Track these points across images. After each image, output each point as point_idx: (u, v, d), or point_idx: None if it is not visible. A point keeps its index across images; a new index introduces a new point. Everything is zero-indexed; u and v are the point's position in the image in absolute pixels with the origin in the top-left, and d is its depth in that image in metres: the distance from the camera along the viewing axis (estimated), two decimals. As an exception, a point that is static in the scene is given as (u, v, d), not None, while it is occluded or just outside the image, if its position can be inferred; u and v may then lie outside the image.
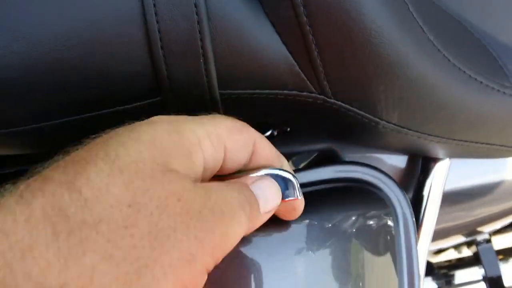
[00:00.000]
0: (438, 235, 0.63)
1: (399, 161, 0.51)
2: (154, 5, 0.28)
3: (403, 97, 0.32)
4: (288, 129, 0.49)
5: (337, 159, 0.48)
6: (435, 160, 0.49)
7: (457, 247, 0.87)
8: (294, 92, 0.33)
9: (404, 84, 0.32)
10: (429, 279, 0.94)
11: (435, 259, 0.93)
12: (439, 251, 0.90)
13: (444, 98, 0.33)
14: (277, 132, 0.50)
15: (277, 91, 0.32)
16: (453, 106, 0.34)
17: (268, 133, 0.50)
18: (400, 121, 0.35)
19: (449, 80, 0.33)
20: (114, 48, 0.28)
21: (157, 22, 0.28)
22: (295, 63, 0.31)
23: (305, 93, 0.33)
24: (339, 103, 0.33)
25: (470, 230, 0.68)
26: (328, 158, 0.49)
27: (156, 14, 0.28)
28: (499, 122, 0.37)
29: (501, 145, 0.43)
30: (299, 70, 0.31)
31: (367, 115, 0.34)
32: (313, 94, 0.33)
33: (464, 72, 0.33)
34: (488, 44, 0.38)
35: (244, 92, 0.32)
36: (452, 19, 0.39)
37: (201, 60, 0.29)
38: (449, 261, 0.94)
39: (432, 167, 0.49)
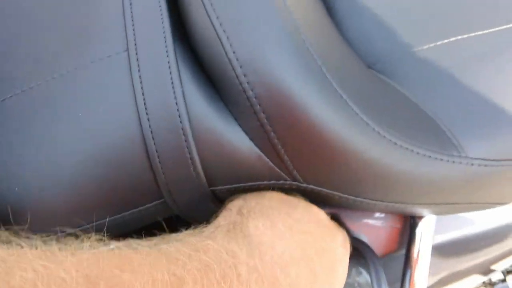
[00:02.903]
0: (454, 277, 0.68)
1: (391, 221, 0.57)
2: (151, 132, 0.36)
3: (357, 175, 0.39)
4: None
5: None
6: (421, 217, 0.55)
7: None
8: (273, 181, 0.40)
9: (353, 164, 0.38)
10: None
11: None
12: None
13: (387, 172, 0.40)
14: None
15: (258, 183, 0.40)
16: (397, 178, 0.41)
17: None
18: (364, 194, 0.42)
19: (390, 157, 0.39)
20: (123, 169, 0.36)
21: (154, 144, 0.36)
22: (268, 160, 0.38)
23: (281, 182, 0.40)
24: (311, 186, 0.40)
25: (484, 269, 0.73)
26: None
27: (153, 138, 0.36)
28: (455, 187, 0.44)
29: (468, 203, 0.49)
30: (272, 165, 0.38)
31: (338, 193, 0.41)
32: (288, 182, 0.40)
33: (401, 146, 0.40)
34: (437, 117, 0.44)
35: (231, 187, 0.40)
36: (400, 97, 0.45)
37: (191, 168, 0.37)
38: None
39: (418, 224, 0.55)
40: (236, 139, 0.38)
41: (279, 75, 0.36)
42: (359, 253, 0.53)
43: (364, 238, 0.56)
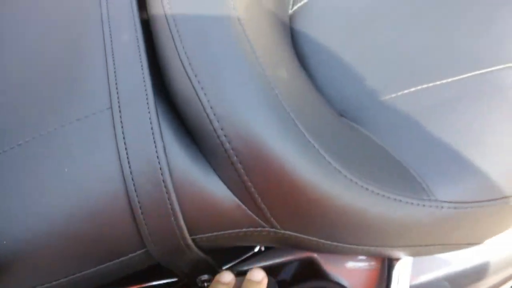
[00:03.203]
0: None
1: (369, 263, 0.59)
2: (134, 185, 0.38)
3: (332, 221, 0.41)
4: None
5: (317, 269, 0.57)
6: (398, 259, 0.57)
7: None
8: (251, 229, 0.42)
9: (328, 210, 0.40)
10: None
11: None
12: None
13: (361, 217, 0.42)
14: (264, 247, 0.59)
15: (237, 230, 0.41)
16: (371, 222, 0.43)
17: (256, 249, 0.59)
18: (340, 239, 0.44)
19: (362, 202, 0.41)
20: (107, 221, 0.38)
21: (137, 196, 0.38)
22: (246, 208, 0.40)
23: (259, 229, 0.42)
24: (288, 232, 0.42)
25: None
26: (309, 268, 0.57)
27: (136, 191, 0.38)
28: (427, 229, 0.46)
29: (443, 245, 0.50)
30: (250, 213, 0.40)
31: (315, 239, 0.43)
32: (266, 229, 0.42)
33: (372, 191, 0.42)
34: (406, 163, 0.47)
35: (212, 235, 0.41)
36: (371, 144, 0.48)
37: (172, 219, 0.39)
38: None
39: (395, 266, 0.57)
40: (215, 189, 0.40)
41: (255, 129, 0.38)
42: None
43: (344, 281, 0.57)
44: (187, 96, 0.39)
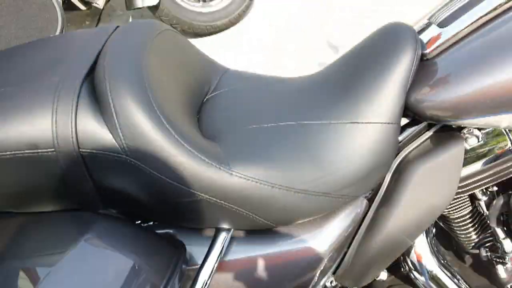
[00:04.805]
0: None
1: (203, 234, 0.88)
2: (56, 112, 0.72)
3: (164, 160, 0.74)
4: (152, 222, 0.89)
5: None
6: (220, 230, 0.86)
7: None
8: (115, 154, 0.74)
9: (161, 152, 0.73)
10: None
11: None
12: None
13: (182, 167, 0.74)
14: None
15: (106, 153, 0.74)
16: (187, 168, 0.74)
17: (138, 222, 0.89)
18: (168, 176, 0.75)
19: (185, 157, 0.74)
20: (36, 117, 0.72)
21: (56, 111, 0.72)
22: (113, 139, 0.73)
23: (119, 155, 0.74)
24: (135, 161, 0.74)
25: None
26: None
27: (56, 111, 0.72)
28: (224, 189, 0.77)
29: (249, 213, 0.80)
30: (115, 142, 0.73)
31: (151, 170, 0.75)
32: (123, 156, 0.74)
33: (190, 150, 0.74)
34: (223, 149, 0.80)
35: (91, 151, 0.74)
36: (214, 146, 0.82)
37: (70, 128, 0.72)
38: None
39: (218, 237, 0.85)
40: (100, 127, 0.73)
41: (130, 104, 0.74)
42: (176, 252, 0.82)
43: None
44: (99, 84, 0.76)
